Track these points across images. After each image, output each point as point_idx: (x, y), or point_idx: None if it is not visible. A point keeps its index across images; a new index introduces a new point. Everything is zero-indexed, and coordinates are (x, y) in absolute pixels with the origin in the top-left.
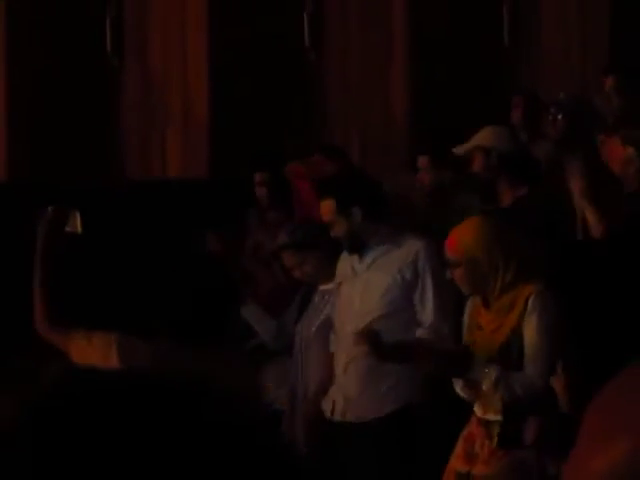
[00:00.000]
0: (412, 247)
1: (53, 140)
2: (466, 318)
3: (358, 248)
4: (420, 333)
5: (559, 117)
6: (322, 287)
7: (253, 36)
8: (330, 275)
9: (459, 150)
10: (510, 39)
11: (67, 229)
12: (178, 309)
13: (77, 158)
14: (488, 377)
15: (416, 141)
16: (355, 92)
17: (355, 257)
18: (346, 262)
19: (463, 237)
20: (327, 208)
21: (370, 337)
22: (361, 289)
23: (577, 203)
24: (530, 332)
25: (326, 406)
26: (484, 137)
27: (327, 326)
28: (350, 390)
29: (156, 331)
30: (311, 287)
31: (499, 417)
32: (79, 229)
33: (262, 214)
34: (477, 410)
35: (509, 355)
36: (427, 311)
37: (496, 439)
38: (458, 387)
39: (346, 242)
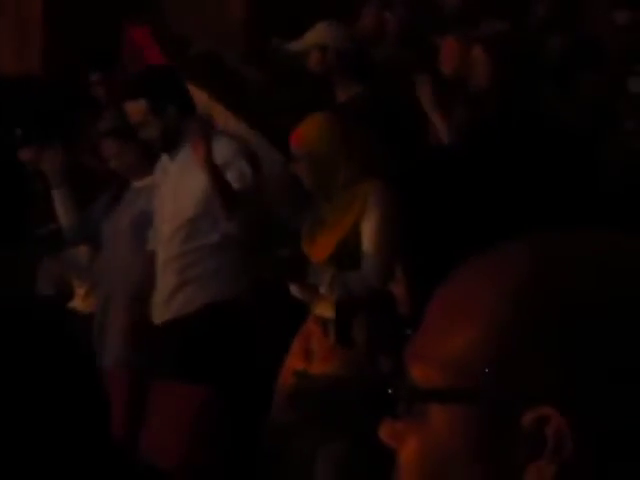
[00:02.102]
0: (222, 145)
1: None
2: (308, 216)
3: (171, 147)
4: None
5: (390, 16)
6: (136, 184)
7: None
8: (146, 171)
9: (294, 47)
10: None
11: None
12: None
13: None
14: (324, 280)
15: (253, 30)
16: None
17: (167, 157)
18: (162, 162)
19: (307, 132)
20: (138, 108)
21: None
22: (173, 190)
23: (426, 108)
24: (369, 228)
25: (151, 310)
26: (319, 34)
27: (142, 222)
28: (167, 289)
29: None
30: (120, 186)
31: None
32: None
33: (99, 113)
34: (314, 308)
35: (347, 251)
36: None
37: (333, 337)
38: (294, 290)
39: (159, 142)
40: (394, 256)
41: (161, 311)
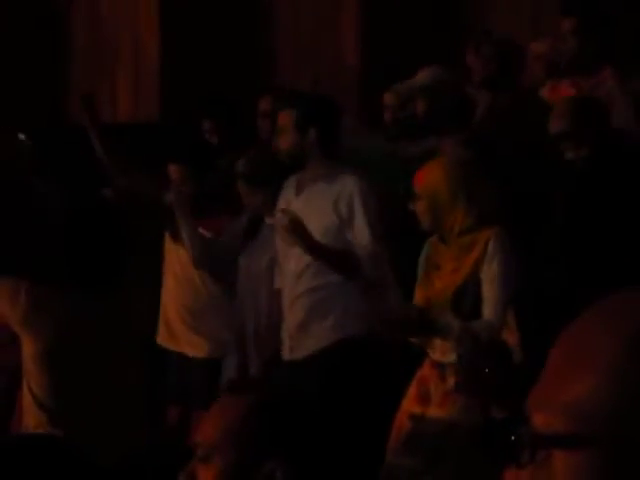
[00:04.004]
0: (347, 183)
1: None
2: (423, 257)
3: (295, 168)
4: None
5: (487, 58)
6: (268, 220)
7: None
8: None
9: (400, 89)
10: None
11: None
12: (80, 256)
13: (24, 104)
14: (451, 334)
15: (368, 81)
16: (305, 34)
17: (292, 191)
18: (284, 196)
19: (430, 173)
20: (286, 118)
21: (297, 228)
22: None
23: None
24: (490, 275)
25: (280, 344)
26: (421, 79)
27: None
28: (295, 327)
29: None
30: (254, 219)
31: (453, 359)
32: None
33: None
34: (431, 352)
35: (465, 297)
36: (360, 240)
37: (453, 383)
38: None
39: (287, 157)
40: (510, 301)
41: (289, 347)
